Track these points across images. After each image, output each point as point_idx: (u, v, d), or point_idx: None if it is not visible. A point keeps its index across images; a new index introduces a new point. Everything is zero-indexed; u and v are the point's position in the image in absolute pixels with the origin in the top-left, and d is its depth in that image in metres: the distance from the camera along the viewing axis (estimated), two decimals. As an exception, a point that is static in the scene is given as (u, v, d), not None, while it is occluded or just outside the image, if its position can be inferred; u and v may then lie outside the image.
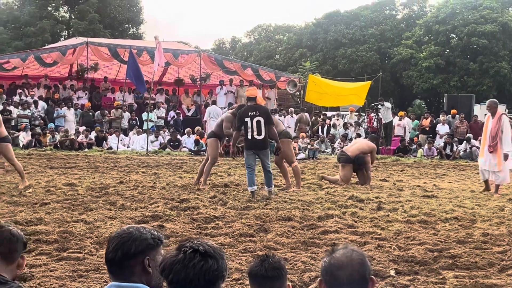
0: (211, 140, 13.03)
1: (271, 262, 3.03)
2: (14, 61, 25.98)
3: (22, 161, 16.68)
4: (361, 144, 14.66)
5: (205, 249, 2.28)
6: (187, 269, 2.24)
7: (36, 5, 47.34)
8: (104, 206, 9.57)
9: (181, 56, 28.04)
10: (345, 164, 14.15)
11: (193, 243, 2.31)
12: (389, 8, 55.38)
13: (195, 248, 2.28)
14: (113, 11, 50.21)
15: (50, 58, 26.50)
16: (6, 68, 26.28)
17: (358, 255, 2.63)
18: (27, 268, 5.80)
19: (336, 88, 26.39)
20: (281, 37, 63.25)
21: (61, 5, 50.12)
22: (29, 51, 28.68)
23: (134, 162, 18.16)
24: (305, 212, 9.40)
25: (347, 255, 2.62)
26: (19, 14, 46.22)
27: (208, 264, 2.25)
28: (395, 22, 53.80)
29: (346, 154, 14.22)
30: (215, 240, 7.29)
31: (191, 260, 2.25)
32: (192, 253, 2.27)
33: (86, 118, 25.59)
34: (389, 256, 6.67)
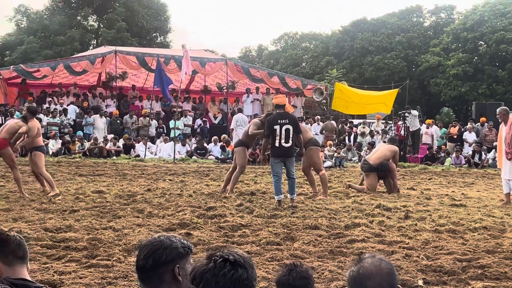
0: (239, 149, 13.05)
1: (299, 271, 3.04)
2: (44, 69, 26.34)
3: (51, 168, 16.94)
4: (382, 151, 14.54)
5: (235, 258, 2.30)
6: (217, 278, 2.26)
7: (66, 14, 47.95)
8: (132, 213, 9.65)
9: (208, 64, 28.17)
10: (369, 173, 14.08)
11: (223, 252, 2.33)
12: (416, 16, 55.03)
13: (225, 257, 2.30)
14: (141, 20, 50.62)
15: (79, 66, 26.81)
16: (36, 76, 26.65)
17: (387, 264, 2.61)
18: (57, 275, 5.88)
19: (363, 96, 26.28)
20: (308, 45, 63.21)
21: (90, 14, 50.69)
22: (58, 59, 29.06)
23: (161, 169, 18.27)
24: (332, 221, 9.38)
25: (376, 265, 2.60)
26: (49, 23, 46.81)
27: (238, 273, 2.27)
28: (422, 29, 53.42)
29: (368, 162, 14.17)
30: (242, 248, 7.30)
31: (221, 269, 2.27)
32: (222, 262, 2.29)
33: (114, 126, 25.83)
34: (417, 265, 6.63)
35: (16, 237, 3.23)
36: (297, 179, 11.84)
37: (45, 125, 24.20)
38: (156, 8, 52.60)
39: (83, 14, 49.74)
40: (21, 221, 8.71)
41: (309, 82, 31.76)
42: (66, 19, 46.98)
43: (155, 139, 25.54)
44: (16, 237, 3.23)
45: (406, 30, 52.59)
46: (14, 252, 3.18)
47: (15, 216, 9.17)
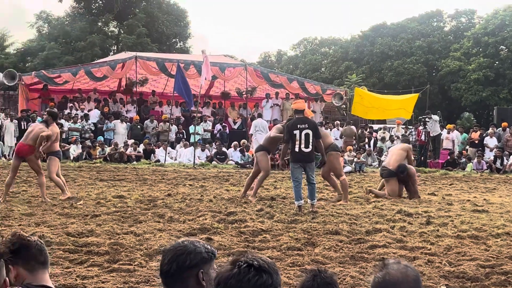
0: (261, 154, 13.03)
1: (323, 277, 3.01)
2: (65, 75, 26.57)
3: (72, 173, 17.08)
4: (396, 153, 14.50)
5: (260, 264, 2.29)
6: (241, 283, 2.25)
7: (87, 20, 48.32)
8: (153, 218, 9.69)
9: (227, 69, 28.23)
10: (389, 178, 14.02)
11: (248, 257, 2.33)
12: (436, 20, 54.70)
13: (249, 262, 2.29)
14: (161, 26, 50.85)
15: (100, 72, 27.01)
16: (57, 82, 26.89)
17: (413, 271, 2.57)
18: (79, 279, 5.93)
19: (383, 101, 26.16)
20: (327, 50, 63.09)
21: (111, 21, 51.04)
22: (79, 65, 29.28)
23: (182, 174, 18.33)
24: (353, 226, 9.35)
25: (402, 271, 2.56)
26: (70, 29, 47.19)
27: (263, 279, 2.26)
28: (442, 34, 53.09)
29: (387, 168, 14.11)
30: (263, 253, 7.30)
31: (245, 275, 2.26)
32: (247, 268, 2.28)
33: (134, 131, 25.97)
34: (439, 271, 6.58)
35: (37, 242, 3.22)
36: (317, 184, 11.82)
37: (66, 130, 24.41)
38: (176, 14, 52.82)
39: (104, 20, 50.08)
40: (43, 226, 8.78)
41: (328, 87, 31.67)
42: (87, 25, 47.34)
43: (175, 144, 25.63)
44: (37, 242, 3.22)
45: (426, 34, 52.28)
46: (35, 258, 3.17)
47: (37, 220, 9.26)
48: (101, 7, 51.00)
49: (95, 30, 48.22)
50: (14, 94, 28.69)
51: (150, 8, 50.37)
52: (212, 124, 27.70)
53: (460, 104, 49.24)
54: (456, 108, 52.09)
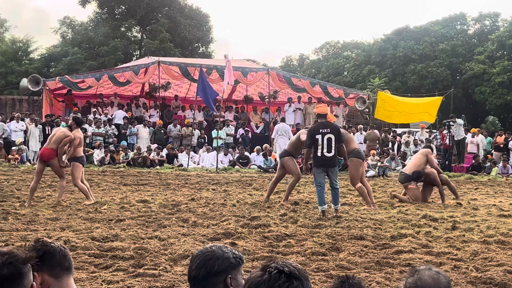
0: (288, 159, 12.97)
1: (351, 283, 2.98)
2: (89, 80, 26.78)
3: (96, 177, 17.18)
4: (415, 158, 14.51)
5: (290, 270, 2.28)
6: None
7: (110, 25, 48.68)
8: (177, 223, 9.71)
9: (249, 74, 28.26)
10: (406, 183, 13.95)
11: (278, 263, 2.31)
12: (460, 23, 54.26)
13: (280, 268, 2.28)
14: (183, 31, 51.07)
15: (123, 77, 27.19)
16: (81, 87, 27.12)
17: (445, 278, 2.54)
18: (105, 284, 5.94)
19: (407, 105, 26.02)
20: (349, 53, 62.87)
21: (134, 26, 51.38)
22: (103, 70, 29.50)
23: (205, 179, 18.36)
24: (378, 231, 9.28)
25: (434, 278, 2.53)
26: (93, 35, 47.60)
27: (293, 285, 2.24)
28: (466, 37, 52.64)
29: (404, 173, 14.04)
30: (287, 258, 7.27)
31: (276, 281, 2.24)
32: (277, 274, 2.26)
33: (158, 135, 26.10)
34: (466, 277, 6.51)
35: (60, 247, 3.17)
36: (340, 188, 11.76)
37: (90, 135, 24.60)
38: (198, 19, 53.01)
39: (127, 25, 50.43)
40: (68, 230, 8.84)
41: (351, 91, 31.52)
42: (110, 30, 47.70)
43: (197, 148, 25.70)
44: (60, 247, 3.17)
45: (450, 38, 51.88)
46: (60, 264, 3.13)
47: (62, 225, 9.32)
48: (124, 12, 51.36)
49: (118, 35, 48.57)
50: (39, 99, 28.99)
51: (172, 13, 50.63)
52: (235, 129, 27.74)
53: (484, 108, 48.78)
54: (481, 111, 51.59)
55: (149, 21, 51.09)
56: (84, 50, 46.86)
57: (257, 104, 31.11)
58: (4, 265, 2.54)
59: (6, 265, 2.54)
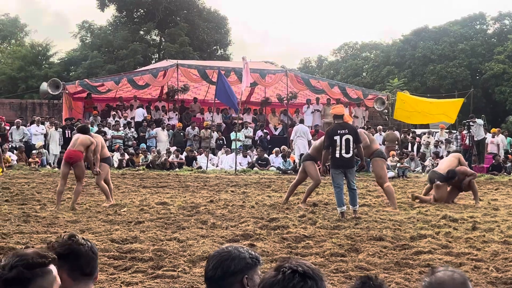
0: (309, 163, 12.93)
1: (372, 284, 2.99)
2: (108, 84, 26.96)
3: (116, 180, 17.27)
4: (448, 161, 14.47)
5: (304, 270, 2.27)
6: (287, 290, 2.24)
7: (129, 29, 48.96)
8: (195, 224, 9.74)
9: (268, 75, 28.27)
10: (439, 183, 13.83)
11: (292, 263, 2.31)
12: (479, 23, 53.87)
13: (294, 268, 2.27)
14: (201, 34, 51.22)
15: (142, 80, 27.34)
16: (100, 90, 27.31)
17: (460, 276, 2.55)
18: (124, 285, 5.98)
19: (426, 105, 25.85)
20: (368, 54, 62.66)
21: (152, 29, 51.63)
22: (122, 74, 29.69)
23: (223, 181, 18.39)
24: (397, 232, 9.24)
25: (449, 275, 2.55)
26: (112, 38, 47.91)
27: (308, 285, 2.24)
28: (486, 37, 52.24)
29: (438, 173, 13.91)
30: (306, 259, 7.26)
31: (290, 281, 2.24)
32: (291, 274, 2.26)
33: (177, 138, 26.20)
34: (486, 278, 6.46)
35: (88, 252, 3.09)
36: (359, 190, 11.73)
37: (109, 138, 24.76)
38: (217, 22, 53.14)
39: (146, 28, 50.69)
40: (88, 233, 8.89)
41: (370, 92, 31.43)
42: (129, 34, 47.97)
43: (216, 150, 25.76)
44: (88, 252, 3.09)
45: (469, 37, 51.52)
46: (81, 268, 3.07)
47: (82, 227, 9.38)
48: (143, 15, 51.62)
49: (137, 38, 48.83)
50: (59, 103, 29.22)
51: (190, 16, 50.79)
52: (253, 131, 27.76)
53: (504, 108, 48.34)
54: (501, 111, 51.12)
55: (168, 24, 51.30)
56: (103, 53, 47.16)
57: (276, 106, 31.11)
58: (12, 268, 2.52)
59: (14, 267, 2.52)
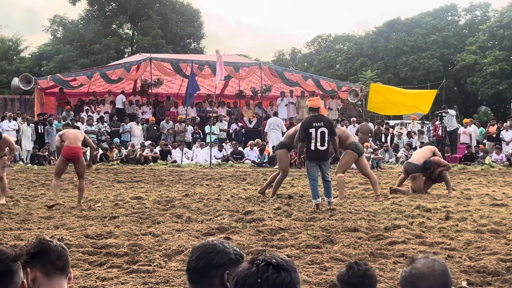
0: (281, 152, 12.97)
1: (356, 269, 3.13)
2: (81, 78, 26.71)
3: (90, 175, 17.16)
4: (422, 152, 14.60)
5: (278, 262, 2.28)
6: (260, 282, 2.24)
7: (101, 23, 48.58)
8: (171, 219, 9.71)
9: (241, 69, 28.26)
10: (415, 174, 13.95)
11: (266, 256, 2.31)
12: (451, 14, 54.36)
13: (267, 261, 2.28)
14: (174, 27, 51.01)
15: (115, 74, 27.14)
16: (73, 85, 27.05)
17: (441, 265, 2.55)
18: (99, 281, 5.95)
19: (400, 96, 26.01)
20: (341, 46, 62.87)
21: (125, 22, 51.28)
22: (94, 68, 29.46)
23: (198, 175, 18.36)
24: (371, 223, 9.31)
25: (429, 265, 2.55)
26: (84, 32, 47.50)
27: (281, 277, 2.24)
28: (457, 28, 52.78)
29: (414, 163, 14.03)
30: (282, 251, 7.28)
31: (264, 273, 2.24)
32: (265, 266, 2.26)
33: (151, 132, 26.08)
34: (460, 266, 6.53)
35: (58, 247, 3.13)
36: (333, 181, 11.79)
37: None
38: (189, 15, 52.95)
39: (118, 22, 50.33)
40: (62, 228, 8.82)
41: (344, 84, 31.60)
42: (101, 27, 47.60)
43: (191, 144, 25.70)
44: (58, 247, 3.13)
45: (441, 29, 51.98)
46: (53, 263, 3.08)
47: (56, 223, 9.30)
48: (115, 9, 51.25)
49: (109, 32, 48.50)
50: (31, 98, 28.92)
51: (163, 10, 50.56)
52: (228, 124, 27.73)
53: (476, 98, 48.92)
54: (473, 102, 51.76)
55: (140, 18, 51.01)
56: (76, 48, 46.75)
57: (250, 99, 31.10)
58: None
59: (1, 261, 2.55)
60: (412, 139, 25.77)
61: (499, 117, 40.75)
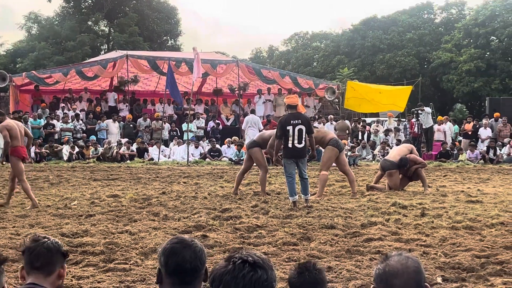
0: (256, 150, 12.96)
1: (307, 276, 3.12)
2: (56, 75, 26.47)
3: (66, 173, 17.05)
4: (399, 149, 14.67)
5: (254, 259, 2.28)
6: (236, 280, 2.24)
7: (76, 20, 48.17)
8: (147, 217, 9.67)
9: (219, 66, 28.21)
10: (391, 171, 14.04)
11: (242, 254, 2.31)
12: (427, 12, 54.78)
13: (244, 259, 2.28)
14: (151, 24, 50.78)
15: (91, 72, 26.92)
16: (48, 82, 26.79)
17: (414, 262, 2.56)
18: (75, 279, 5.91)
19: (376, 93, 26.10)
20: (318, 44, 63.07)
21: (101, 19, 50.91)
22: (70, 65, 29.21)
23: (176, 172, 18.30)
24: (348, 220, 9.35)
25: (403, 262, 2.55)
26: (60, 29, 47.07)
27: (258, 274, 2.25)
28: (433, 26, 53.19)
29: (390, 160, 14.12)
30: (258, 249, 7.29)
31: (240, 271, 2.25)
32: (242, 264, 2.27)
33: (127, 130, 25.91)
34: (435, 263, 6.59)
35: (39, 247, 3.28)
36: (310, 179, 11.83)
37: (58, 131, 24.37)
38: (166, 12, 52.73)
39: (94, 19, 49.95)
40: (37, 227, 8.74)
41: (321, 82, 31.71)
42: (76, 24, 47.21)
43: (169, 142, 25.61)
44: (39, 247, 3.28)
45: (417, 27, 52.36)
46: (30, 263, 3.27)
47: (31, 222, 9.22)
48: (91, 6, 50.87)
49: (85, 29, 48.09)
50: (5, 96, 28.57)
51: (140, 6, 50.30)
52: (205, 121, 27.66)
53: (452, 96, 49.34)
54: (449, 99, 52.21)
55: (117, 15, 50.70)
56: (51, 45, 46.30)
57: (227, 97, 31.07)
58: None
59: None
60: (388, 136, 25.94)
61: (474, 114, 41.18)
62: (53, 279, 3.29)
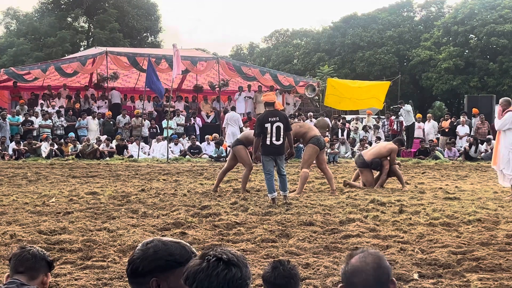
0: (238, 148, 12.93)
1: (281, 270, 3.11)
2: (35, 72, 26.22)
3: (44, 170, 16.92)
4: (379, 148, 14.57)
5: (229, 257, 2.27)
6: (210, 278, 2.23)
7: (56, 16, 47.83)
8: (126, 214, 9.64)
9: (199, 63, 28.14)
10: (363, 168, 14.12)
11: (217, 251, 2.30)
12: (406, 10, 55.12)
13: (218, 256, 2.27)
14: (131, 20, 50.55)
15: (70, 68, 26.72)
16: (27, 79, 26.53)
17: (374, 258, 2.53)
18: (52, 277, 5.86)
19: (355, 91, 26.26)
20: (299, 41, 63.18)
21: (80, 16, 50.57)
22: (49, 62, 28.96)
23: (155, 169, 18.25)
24: (327, 217, 9.39)
25: (362, 260, 2.52)
26: (39, 25, 46.70)
27: (232, 272, 2.24)
28: (413, 24, 53.54)
29: (363, 158, 14.19)
30: (237, 246, 7.31)
31: (214, 269, 2.24)
32: (216, 262, 2.25)
33: (107, 127, 25.77)
34: (412, 259, 6.64)
35: (24, 253, 3.53)
36: (290, 176, 11.86)
37: (37, 127, 24.17)
38: (146, 8, 52.54)
39: (73, 15, 49.61)
40: (15, 224, 8.67)
41: (301, 79, 31.75)
42: (56, 20, 46.86)
43: (148, 139, 25.51)
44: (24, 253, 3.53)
45: (397, 25, 52.65)
46: (15, 267, 3.52)
47: (9, 219, 9.13)
48: (70, 2, 50.49)
49: (64, 25, 47.77)
50: (-17, 92, 28.29)
51: (119, 3, 50.04)
52: (186, 118, 27.59)
53: (431, 93, 49.74)
54: (428, 97, 52.61)
55: (96, 11, 50.38)
56: (30, 41, 45.95)
57: (208, 94, 31.02)
58: None
59: None
60: (367, 133, 26.07)
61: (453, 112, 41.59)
62: (36, 284, 3.44)
